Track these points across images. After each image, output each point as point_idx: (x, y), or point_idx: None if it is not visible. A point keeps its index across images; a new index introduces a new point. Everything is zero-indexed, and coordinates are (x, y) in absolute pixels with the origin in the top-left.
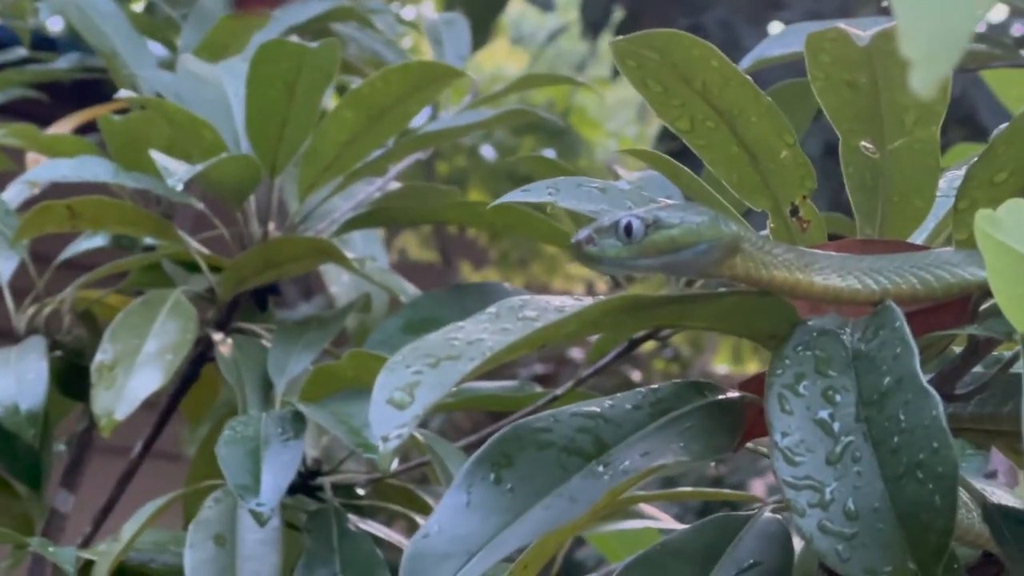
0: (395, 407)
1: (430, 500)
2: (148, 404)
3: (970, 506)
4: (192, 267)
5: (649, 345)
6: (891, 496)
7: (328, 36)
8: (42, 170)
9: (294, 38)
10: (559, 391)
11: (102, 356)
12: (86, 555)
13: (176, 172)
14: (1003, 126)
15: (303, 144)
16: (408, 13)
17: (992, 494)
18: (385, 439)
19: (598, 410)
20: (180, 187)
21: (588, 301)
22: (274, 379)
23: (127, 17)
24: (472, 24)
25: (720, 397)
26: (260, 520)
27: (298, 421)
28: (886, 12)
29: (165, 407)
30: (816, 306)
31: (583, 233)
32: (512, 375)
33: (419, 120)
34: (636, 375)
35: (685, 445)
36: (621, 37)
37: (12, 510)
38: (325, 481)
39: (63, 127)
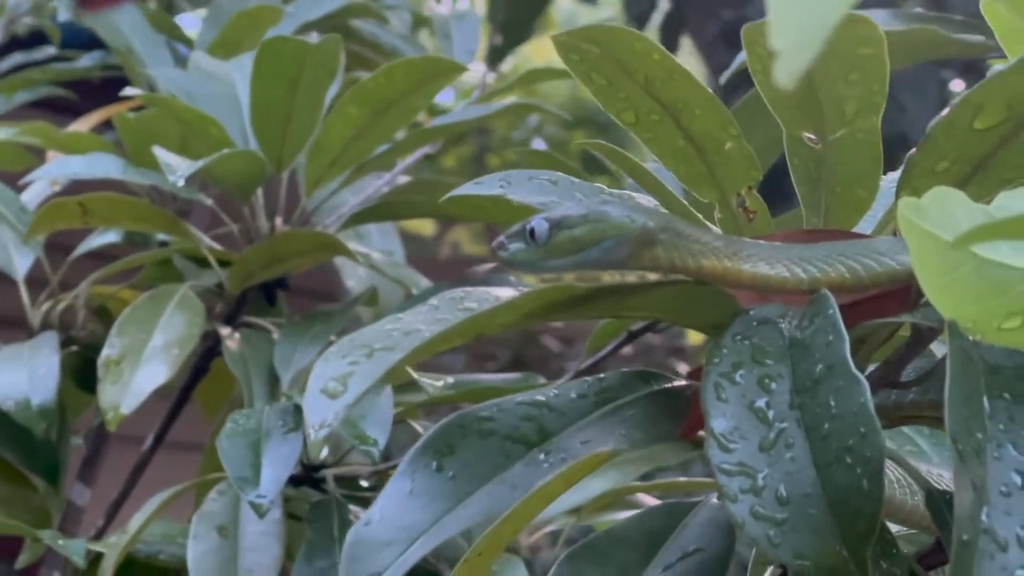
0: (328, 396)
1: None
2: (165, 396)
3: (915, 488)
4: (203, 262)
5: (697, 337)
6: (822, 482)
7: (346, 32)
8: (53, 167)
9: (314, 35)
10: (559, 383)
11: (109, 351)
12: (96, 547)
13: (178, 168)
14: (940, 115)
15: (308, 139)
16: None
17: (940, 479)
18: (318, 427)
19: (543, 399)
20: (181, 183)
21: (522, 291)
22: (280, 372)
23: (143, 15)
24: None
25: (666, 386)
26: (259, 512)
27: (299, 414)
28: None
29: (176, 400)
30: (764, 296)
31: (499, 238)
32: (550, 366)
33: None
34: (683, 367)
35: (626, 433)
36: (563, 32)
37: (30, 503)
38: (328, 473)
39: (82, 125)
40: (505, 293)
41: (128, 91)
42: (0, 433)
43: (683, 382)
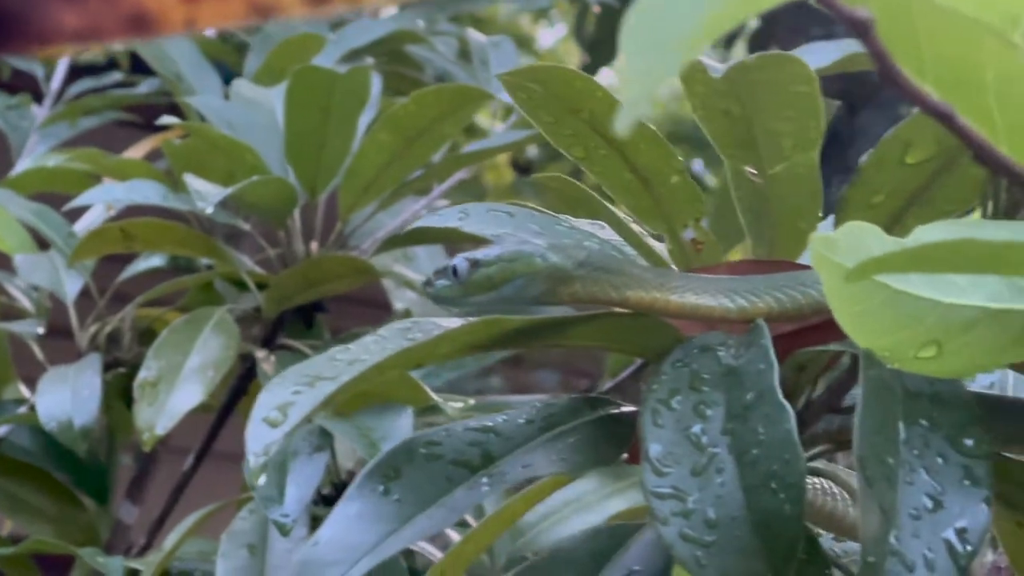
0: (269, 425)
1: None
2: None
3: (848, 500)
4: (244, 286)
5: None
6: (748, 505)
7: (399, 57)
8: (95, 193)
9: (369, 59)
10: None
11: (146, 373)
12: (133, 564)
13: (208, 195)
14: (870, 152)
15: (342, 165)
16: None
17: None
18: (257, 455)
19: (491, 424)
20: (210, 210)
21: (460, 323)
22: None
23: (194, 42)
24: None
25: (612, 412)
26: (283, 530)
27: (325, 435)
28: None
29: (215, 421)
30: (712, 326)
31: (429, 275)
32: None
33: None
34: None
35: (568, 457)
36: (507, 71)
37: (79, 521)
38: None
39: (137, 151)
40: (449, 324)
41: (164, 120)
42: (51, 453)
43: (631, 408)
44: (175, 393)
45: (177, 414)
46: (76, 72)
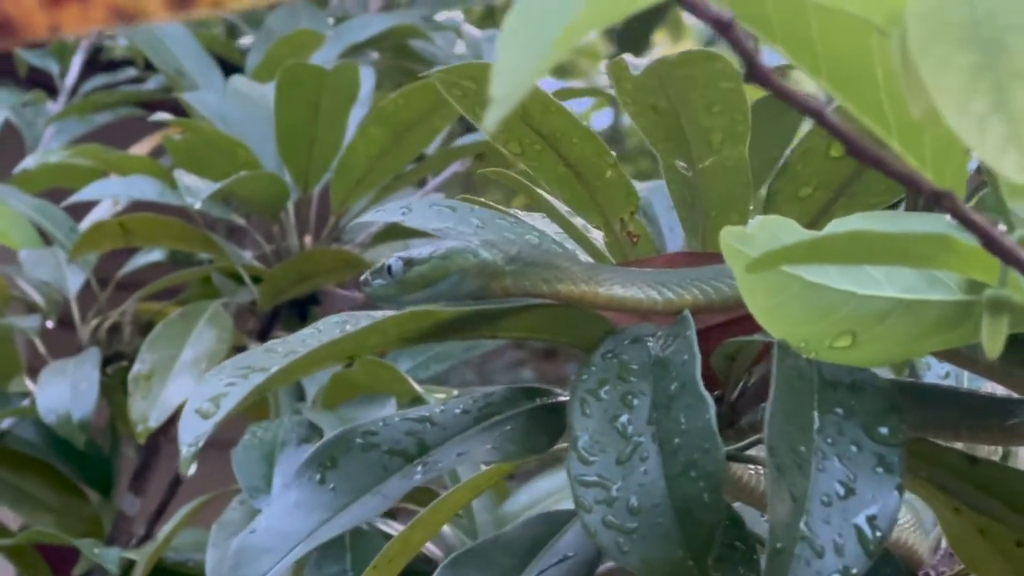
0: (201, 416)
1: None
2: None
3: None
4: (241, 280)
5: None
6: (669, 493)
7: (404, 51)
8: (94, 189)
9: (375, 55)
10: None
11: (139, 366)
12: (130, 555)
13: (198, 190)
14: (795, 143)
15: (333, 160)
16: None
17: None
18: (189, 445)
19: (427, 414)
20: (198, 205)
21: (389, 315)
22: (306, 386)
23: (197, 38)
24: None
25: (549, 401)
26: None
27: (313, 427)
28: None
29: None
30: (646, 317)
31: (366, 274)
32: None
33: None
34: None
35: (500, 446)
36: (441, 68)
37: (83, 513)
38: None
39: (142, 147)
40: (381, 316)
41: (157, 116)
42: (54, 446)
43: (567, 397)
44: (168, 386)
45: (170, 407)
46: (91, 69)
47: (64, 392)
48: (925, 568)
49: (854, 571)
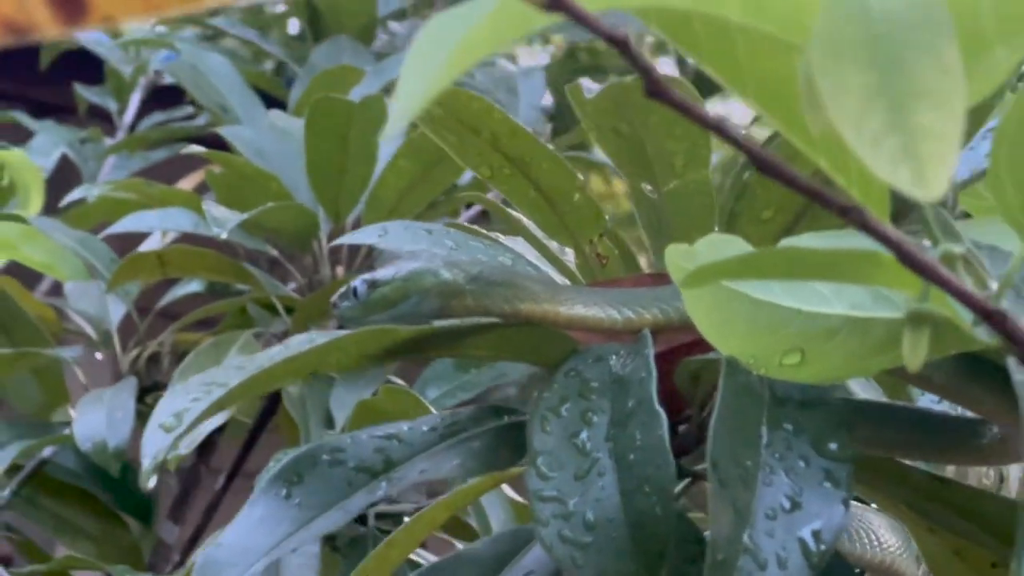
0: (164, 431)
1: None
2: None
3: None
4: (276, 310)
5: None
6: (624, 507)
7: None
8: (129, 221)
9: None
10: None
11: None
12: None
13: (225, 221)
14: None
15: (364, 192)
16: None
17: None
18: (151, 458)
19: (395, 432)
20: (224, 235)
21: (350, 332)
22: (335, 413)
23: (240, 74)
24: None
25: (515, 420)
26: None
27: None
28: None
29: (246, 441)
30: (614, 337)
31: (335, 296)
32: None
33: None
34: None
35: (463, 463)
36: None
37: (122, 542)
38: (371, 510)
39: (188, 182)
40: (342, 334)
41: (190, 149)
42: (95, 474)
43: None
44: None
45: (199, 435)
46: (149, 106)
47: (100, 420)
48: None
49: None
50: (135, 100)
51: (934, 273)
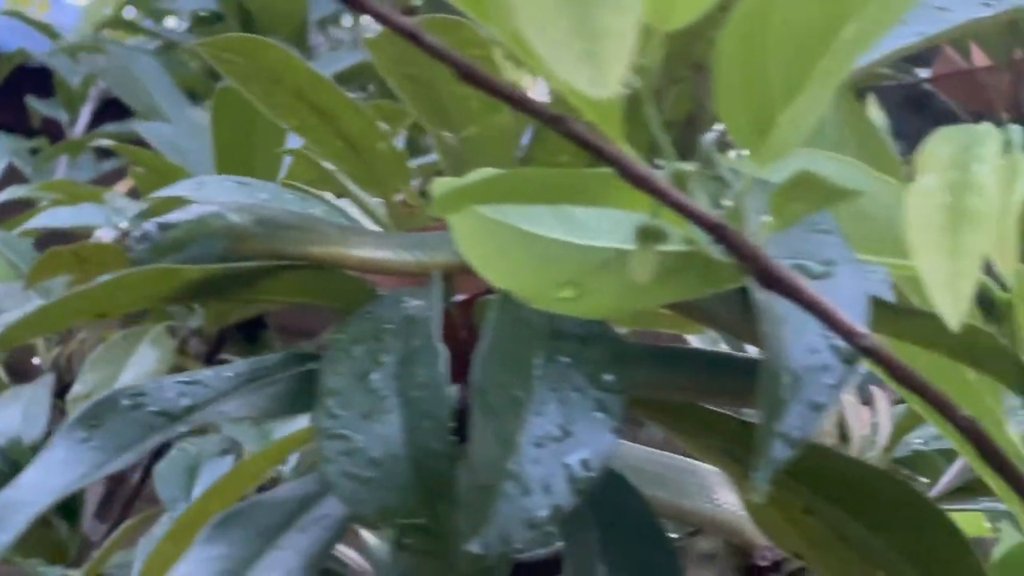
0: None
1: None
2: None
3: None
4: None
5: None
6: (407, 443)
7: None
8: (44, 217)
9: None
10: None
11: (79, 387)
12: (71, 574)
13: (125, 211)
14: None
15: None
16: None
17: None
18: None
19: (200, 378)
20: (124, 224)
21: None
22: None
23: (169, 76)
24: None
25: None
26: None
27: (236, 441)
28: None
29: None
30: (416, 281)
31: (129, 239)
32: None
33: None
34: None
35: (263, 405)
36: (204, 40)
37: (48, 540)
38: None
39: (125, 184)
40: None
41: (99, 142)
42: (16, 472)
43: None
44: None
45: None
46: (102, 117)
47: (15, 416)
48: (761, 551)
49: (562, 507)
50: (86, 112)
51: (657, 188)
